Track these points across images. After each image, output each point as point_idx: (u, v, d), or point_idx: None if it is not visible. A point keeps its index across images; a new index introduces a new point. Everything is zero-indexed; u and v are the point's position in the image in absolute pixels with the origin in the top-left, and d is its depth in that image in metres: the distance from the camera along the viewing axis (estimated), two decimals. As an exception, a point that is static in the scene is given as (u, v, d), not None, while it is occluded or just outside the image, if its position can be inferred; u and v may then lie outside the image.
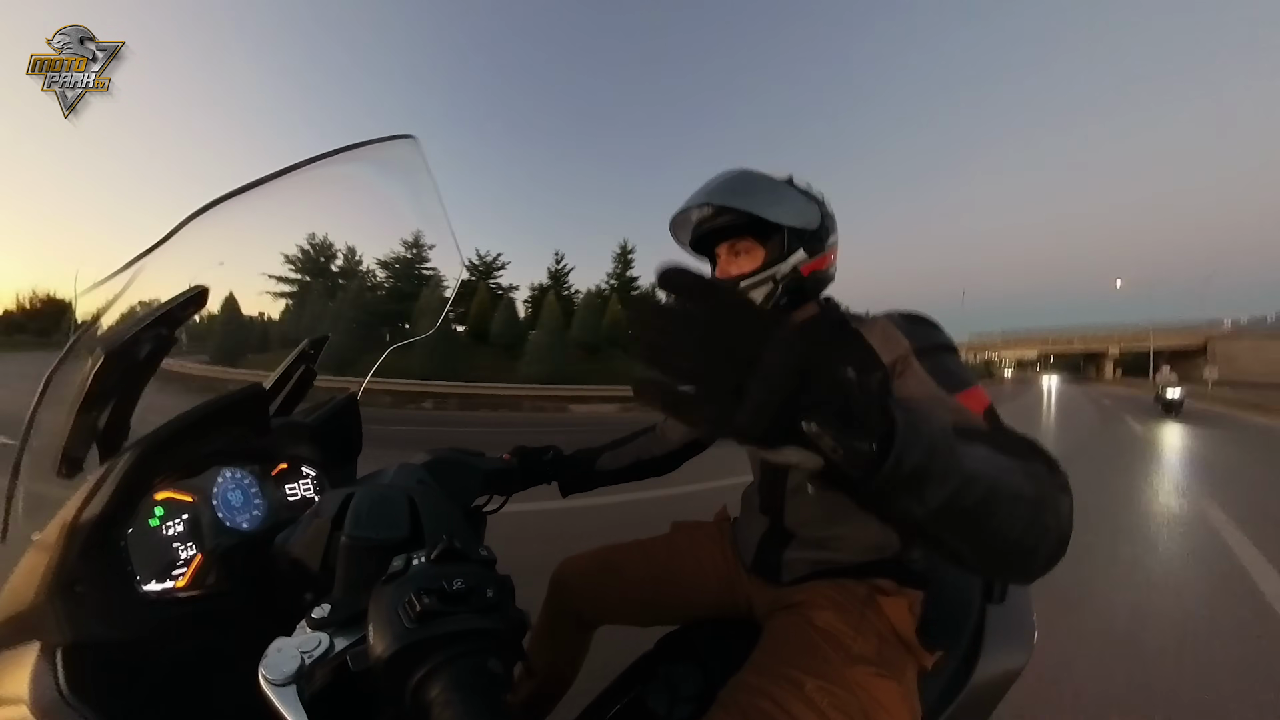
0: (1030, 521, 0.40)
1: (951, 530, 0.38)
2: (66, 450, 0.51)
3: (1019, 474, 0.41)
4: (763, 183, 0.84)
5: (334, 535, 0.48)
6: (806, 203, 0.84)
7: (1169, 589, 2.55)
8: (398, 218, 0.94)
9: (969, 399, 0.63)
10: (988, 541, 0.39)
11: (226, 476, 0.60)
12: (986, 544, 0.39)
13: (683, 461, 1.11)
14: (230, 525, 0.58)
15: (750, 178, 0.84)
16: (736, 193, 0.81)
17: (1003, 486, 0.39)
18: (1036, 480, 0.42)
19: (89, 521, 0.45)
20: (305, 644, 0.36)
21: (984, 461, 0.39)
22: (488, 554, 0.44)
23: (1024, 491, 0.40)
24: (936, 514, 0.35)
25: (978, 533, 0.38)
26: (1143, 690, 1.71)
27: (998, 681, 0.78)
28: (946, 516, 0.36)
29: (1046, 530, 0.41)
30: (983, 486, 0.37)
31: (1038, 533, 0.41)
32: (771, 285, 0.81)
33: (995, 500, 0.38)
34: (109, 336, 0.52)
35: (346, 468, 0.83)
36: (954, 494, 0.35)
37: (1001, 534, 0.39)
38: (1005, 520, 0.39)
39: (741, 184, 0.83)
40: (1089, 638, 2.02)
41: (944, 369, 0.67)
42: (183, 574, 0.52)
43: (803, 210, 0.82)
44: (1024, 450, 0.46)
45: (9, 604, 0.45)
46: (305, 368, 0.83)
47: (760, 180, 0.84)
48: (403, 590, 0.37)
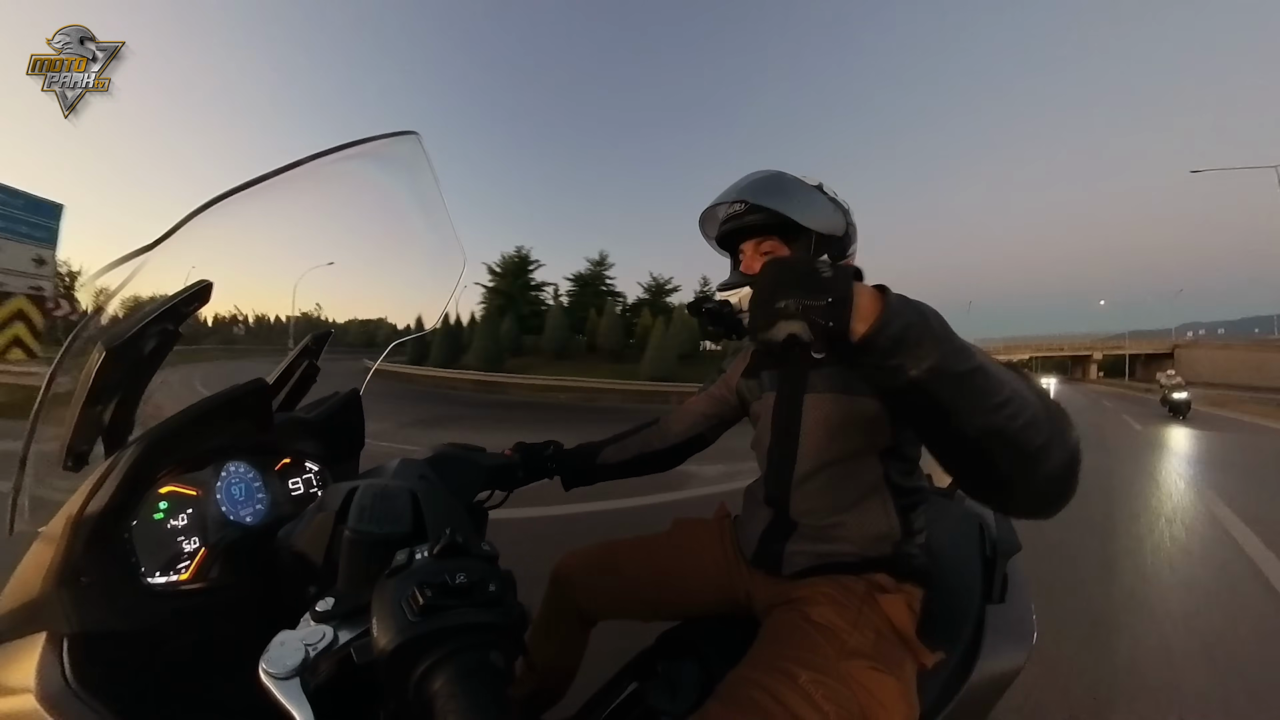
0: (1034, 417, 0.43)
1: (950, 394, 0.42)
2: (72, 444, 0.51)
3: (1019, 379, 0.45)
4: (795, 185, 0.84)
5: (337, 529, 0.49)
6: (834, 210, 0.84)
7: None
8: (400, 213, 0.94)
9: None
10: (990, 418, 0.42)
11: (230, 471, 0.61)
12: (990, 421, 0.42)
13: (686, 457, 1.11)
14: (234, 519, 0.58)
15: (784, 179, 0.84)
16: (770, 192, 0.81)
17: (999, 372, 0.43)
18: (1039, 394, 0.45)
19: (94, 514, 0.45)
20: (309, 637, 0.36)
21: (981, 355, 0.44)
22: (490, 549, 0.44)
23: (1023, 390, 0.44)
24: (929, 374, 0.41)
25: (977, 403, 0.42)
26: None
27: (997, 681, 0.79)
28: (941, 379, 0.41)
29: (1056, 431, 0.44)
30: (975, 361, 0.42)
31: (1046, 431, 0.43)
32: None
33: (990, 378, 0.42)
34: (112, 332, 0.52)
35: (349, 463, 0.84)
36: (945, 356, 0.41)
37: (1004, 412, 0.42)
38: (1006, 402, 0.42)
39: (775, 185, 0.83)
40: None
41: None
42: (187, 567, 0.53)
43: (830, 217, 0.83)
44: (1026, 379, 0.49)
45: (16, 595, 0.45)
46: (308, 363, 0.83)
47: (793, 183, 0.84)
48: (406, 584, 0.37)
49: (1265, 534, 3.33)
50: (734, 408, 1.05)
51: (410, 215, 0.93)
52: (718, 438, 1.11)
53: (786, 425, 0.87)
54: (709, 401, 1.07)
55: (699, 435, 1.09)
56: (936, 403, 0.43)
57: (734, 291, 0.81)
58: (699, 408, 1.08)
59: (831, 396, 0.82)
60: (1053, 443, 0.44)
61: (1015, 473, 0.45)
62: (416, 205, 0.90)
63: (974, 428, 0.43)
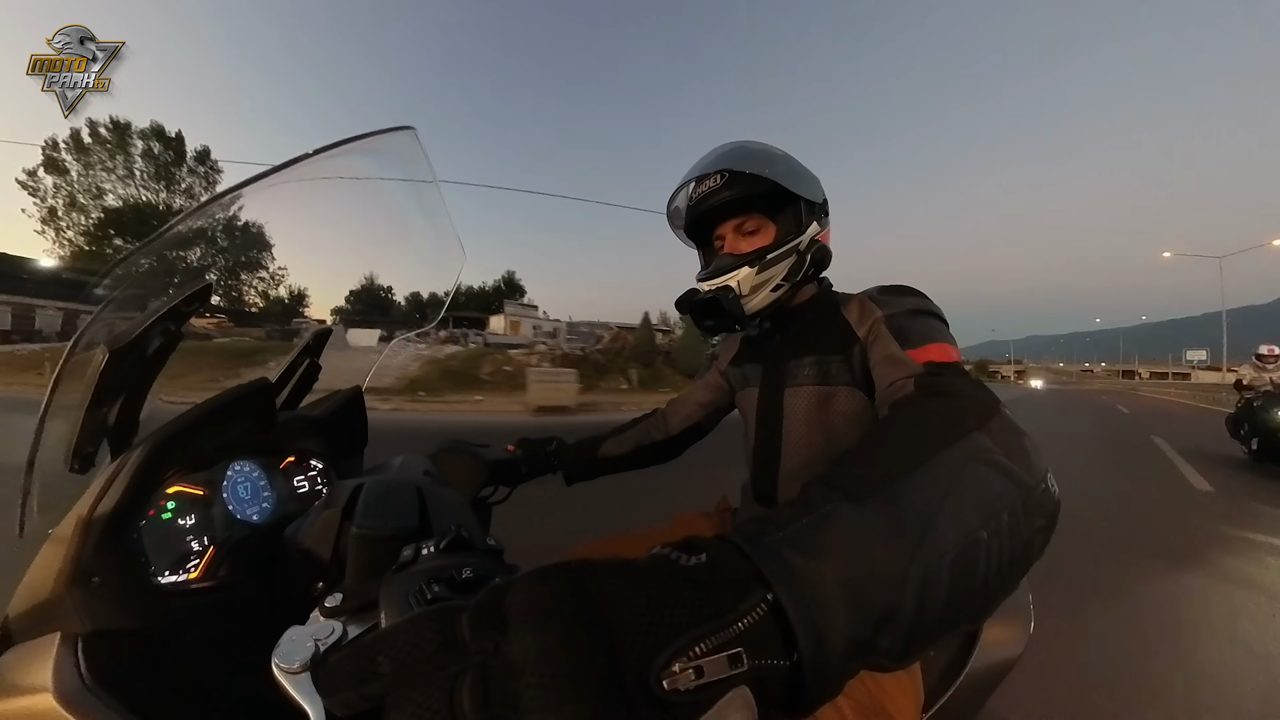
0: (997, 531, 0.30)
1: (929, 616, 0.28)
2: (78, 447, 0.51)
3: (952, 487, 0.31)
4: (774, 152, 0.79)
5: (344, 526, 0.49)
6: (812, 176, 0.81)
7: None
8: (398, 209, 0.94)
9: (932, 353, 0.62)
10: (962, 599, 0.29)
11: (236, 470, 0.61)
12: (962, 602, 0.29)
13: (685, 447, 1.12)
14: (241, 518, 0.59)
15: (760, 146, 0.80)
16: (750, 159, 0.76)
17: (934, 539, 0.29)
18: (978, 467, 0.33)
19: (103, 516, 0.46)
20: (319, 632, 0.36)
21: (890, 532, 0.28)
22: (495, 544, 0.45)
23: (964, 511, 0.30)
24: (881, 627, 0.26)
25: (951, 599, 0.28)
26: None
27: (993, 670, 0.79)
28: (902, 623, 0.27)
29: (1032, 524, 0.32)
30: (913, 576, 0.27)
31: (1025, 532, 0.32)
32: (795, 258, 0.79)
33: (936, 565, 0.28)
34: (115, 334, 0.52)
35: (353, 460, 0.84)
36: (857, 618, 0.25)
37: (971, 586, 0.29)
38: (966, 571, 0.29)
39: (754, 151, 0.79)
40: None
41: (907, 329, 0.67)
42: (196, 565, 0.53)
43: (810, 181, 0.80)
44: (963, 419, 0.38)
45: (29, 596, 0.46)
46: (310, 361, 0.83)
47: (770, 149, 0.80)
48: (413, 579, 0.37)
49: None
50: (728, 394, 1.04)
51: (408, 211, 0.93)
52: (715, 425, 1.11)
53: (769, 420, 0.85)
54: (705, 390, 1.07)
55: (697, 425, 1.09)
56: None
57: (730, 275, 0.79)
58: (695, 397, 1.08)
59: (813, 390, 0.79)
60: (1034, 541, 0.33)
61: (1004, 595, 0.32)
62: (414, 201, 0.90)
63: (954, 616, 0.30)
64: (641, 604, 0.23)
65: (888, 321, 0.69)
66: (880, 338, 0.69)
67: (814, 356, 0.79)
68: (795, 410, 0.81)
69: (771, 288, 0.79)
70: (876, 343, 0.70)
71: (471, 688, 0.21)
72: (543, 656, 0.20)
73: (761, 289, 0.79)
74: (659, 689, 0.20)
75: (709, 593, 0.24)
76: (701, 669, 0.21)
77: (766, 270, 0.78)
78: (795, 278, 0.80)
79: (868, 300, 0.75)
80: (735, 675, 0.22)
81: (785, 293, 0.81)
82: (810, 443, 0.80)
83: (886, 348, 0.67)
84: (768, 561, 0.25)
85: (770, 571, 0.25)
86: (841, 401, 0.77)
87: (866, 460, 0.35)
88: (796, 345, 0.83)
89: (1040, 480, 0.35)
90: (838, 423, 0.78)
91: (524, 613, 0.22)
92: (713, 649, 0.22)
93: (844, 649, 0.24)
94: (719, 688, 0.22)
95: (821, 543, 0.27)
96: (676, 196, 0.84)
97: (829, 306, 0.81)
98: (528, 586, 0.23)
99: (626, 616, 0.22)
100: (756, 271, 0.78)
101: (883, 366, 0.67)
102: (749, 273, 0.78)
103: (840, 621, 0.24)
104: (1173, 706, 1.58)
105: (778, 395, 0.84)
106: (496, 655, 0.22)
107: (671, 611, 0.22)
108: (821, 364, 0.78)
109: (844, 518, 0.29)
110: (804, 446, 0.80)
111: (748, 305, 0.80)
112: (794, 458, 0.82)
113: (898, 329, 0.68)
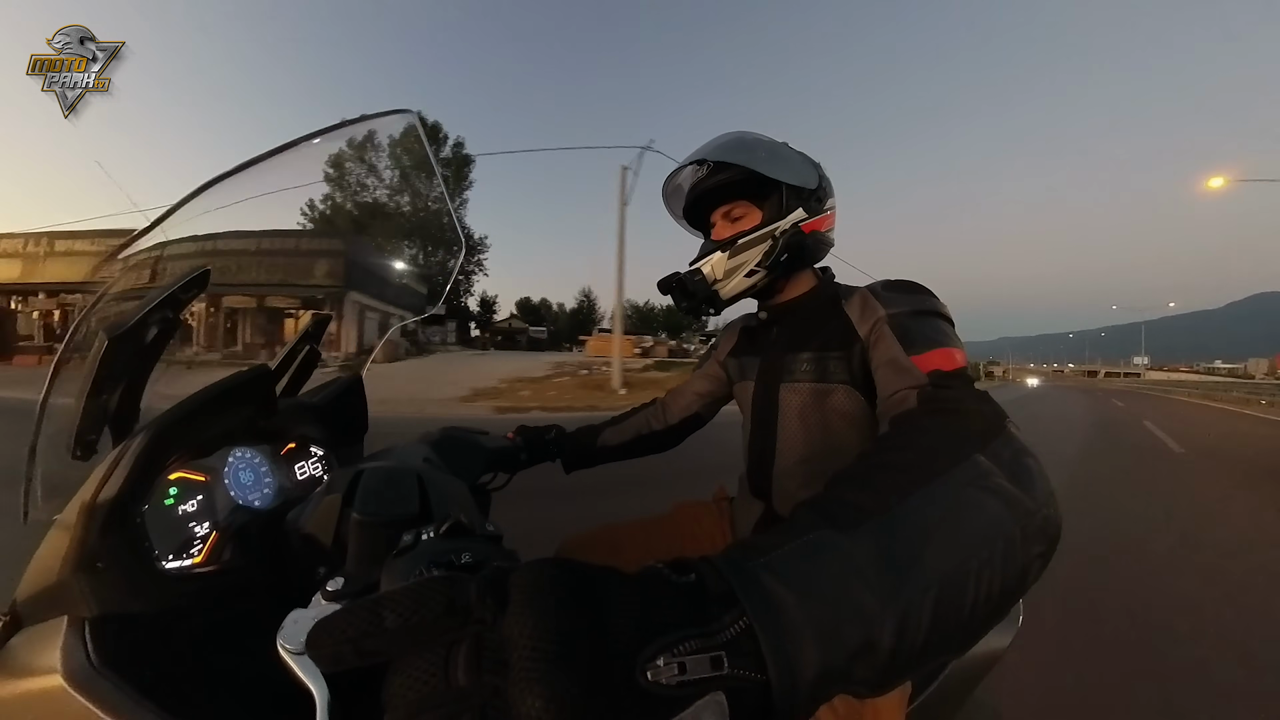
0: (989, 560, 0.30)
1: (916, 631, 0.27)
2: (80, 434, 0.52)
3: (947, 509, 0.31)
4: (760, 141, 0.81)
5: (344, 512, 0.49)
6: (804, 162, 0.82)
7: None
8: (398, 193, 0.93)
9: (936, 359, 0.61)
10: (951, 622, 0.28)
11: (237, 456, 0.61)
12: (951, 626, 0.28)
13: (685, 436, 1.12)
14: (243, 503, 0.59)
15: (747, 136, 0.82)
16: (733, 149, 0.79)
17: (924, 559, 0.28)
18: (980, 487, 0.32)
19: (106, 502, 0.46)
20: (322, 614, 0.37)
21: (874, 558, 0.28)
22: (494, 530, 0.45)
23: (962, 537, 0.30)
24: (864, 653, 0.26)
25: (938, 620, 0.28)
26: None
27: (980, 662, 0.80)
28: (890, 646, 0.26)
29: (1007, 563, 0.30)
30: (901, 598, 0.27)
31: (1021, 557, 0.31)
32: (770, 242, 0.79)
33: (926, 575, 0.28)
34: (114, 320, 0.52)
35: (353, 446, 0.85)
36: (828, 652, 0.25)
37: (957, 618, 0.28)
38: (952, 603, 0.28)
39: (737, 142, 0.81)
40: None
41: (912, 331, 0.66)
42: (199, 550, 0.54)
43: (800, 169, 0.80)
44: (964, 440, 0.37)
45: (36, 580, 0.46)
46: (310, 347, 0.83)
47: (757, 139, 0.82)
48: (413, 564, 0.38)
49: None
50: (726, 384, 1.04)
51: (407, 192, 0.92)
52: (715, 415, 1.11)
53: (764, 416, 0.85)
54: (704, 380, 1.07)
55: (696, 414, 1.09)
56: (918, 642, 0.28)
57: (704, 260, 0.80)
58: (694, 387, 1.08)
59: (809, 387, 0.78)
60: (1031, 567, 0.32)
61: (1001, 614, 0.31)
62: (413, 185, 0.89)
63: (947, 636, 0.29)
64: (636, 601, 0.24)
65: (891, 321, 0.68)
66: (883, 339, 0.68)
67: (811, 352, 0.79)
68: (790, 407, 0.81)
69: (745, 273, 0.80)
70: (879, 344, 0.69)
71: (467, 653, 0.22)
72: (537, 632, 0.21)
73: (734, 274, 0.80)
74: (643, 679, 0.22)
75: (698, 603, 0.25)
76: (685, 665, 0.22)
77: (738, 255, 0.79)
78: (768, 263, 0.79)
79: (870, 296, 0.74)
80: (716, 677, 0.23)
81: (762, 279, 0.81)
82: (805, 440, 0.79)
83: (889, 351, 0.66)
84: (747, 588, 0.26)
85: (746, 597, 0.25)
86: (838, 400, 0.76)
87: (860, 483, 0.35)
88: (794, 339, 0.82)
89: (1042, 505, 0.33)
90: (833, 421, 0.77)
91: (525, 591, 0.23)
92: (697, 649, 0.23)
93: (814, 678, 0.24)
94: (699, 688, 0.22)
95: (802, 572, 0.27)
96: (669, 183, 0.89)
97: (829, 300, 0.81)
98: (533, 570, 0.25)
99: (621, 609, 0.24)
100: (728, 256, 0.79)
101: (885, 372, 0.66)
102: (720, 257, 0.80)
103: (812, 652, 0.25)
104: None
105: (773, 391, 0.83)
106: (494, 627, 0.23)
107: (664, 612, 0.24)
108: (819, 360, 0.78)
109: (828, 548, 0.29)
110: (799, 443, 0.80)
111: (722, 290, 0.81)
112: (789, 454, 0.81)
113: (901, 330, 0.66)
